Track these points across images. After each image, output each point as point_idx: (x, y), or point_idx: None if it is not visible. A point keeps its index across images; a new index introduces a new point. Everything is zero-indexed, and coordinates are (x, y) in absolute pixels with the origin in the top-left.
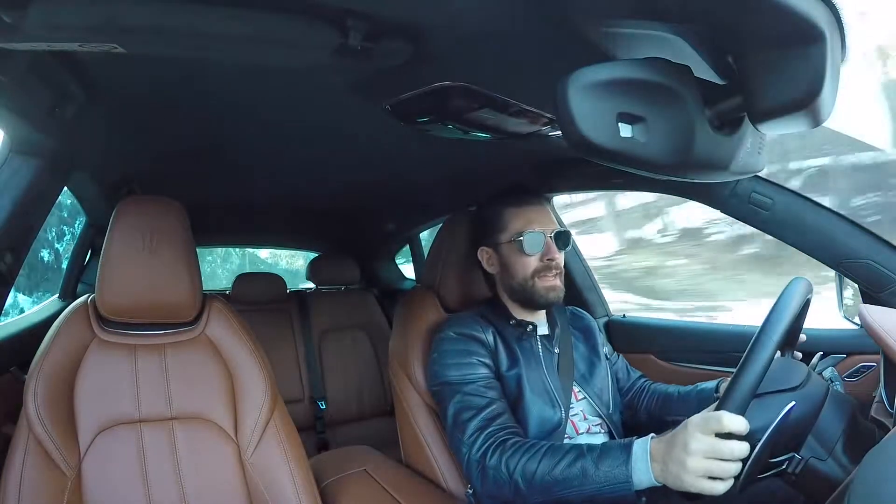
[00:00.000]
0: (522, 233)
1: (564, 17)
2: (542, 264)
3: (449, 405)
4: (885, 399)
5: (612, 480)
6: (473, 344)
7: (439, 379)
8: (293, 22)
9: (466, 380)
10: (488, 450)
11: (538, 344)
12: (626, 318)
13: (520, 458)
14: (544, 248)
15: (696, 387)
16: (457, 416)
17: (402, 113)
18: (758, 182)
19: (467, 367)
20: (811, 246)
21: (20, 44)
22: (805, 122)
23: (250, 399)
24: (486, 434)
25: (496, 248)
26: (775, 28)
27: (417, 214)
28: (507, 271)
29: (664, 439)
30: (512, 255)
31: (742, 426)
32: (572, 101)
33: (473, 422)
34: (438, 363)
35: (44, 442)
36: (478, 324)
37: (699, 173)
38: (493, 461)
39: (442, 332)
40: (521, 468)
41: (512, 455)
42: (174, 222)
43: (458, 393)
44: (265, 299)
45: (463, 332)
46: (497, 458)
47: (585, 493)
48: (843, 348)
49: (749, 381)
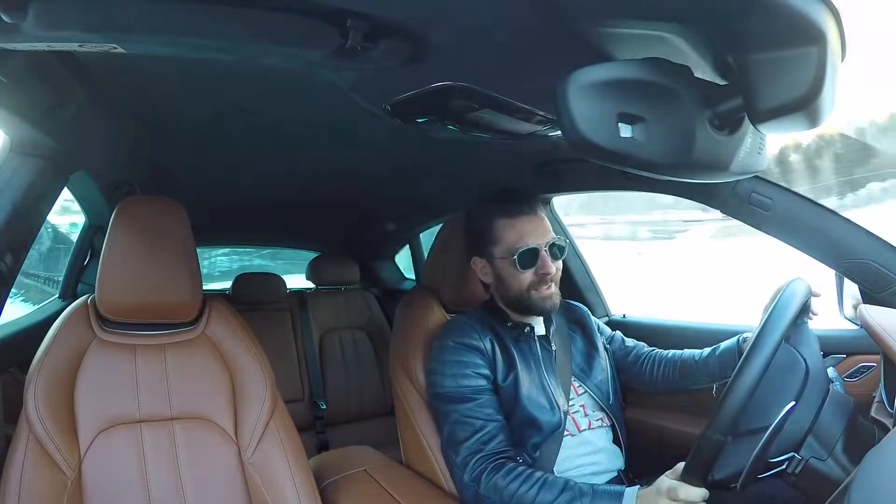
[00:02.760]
0: (516, 249)
1: (564, 17)
2: (537, 278)
3: (445, 423)
4: (885, 399)
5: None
6: (472, 354)
7: (436, 389)
8: (293, 22)
9: (463, 395)
10: (482, 474)
11: (536, 345)
12: (626, 318)
13: (514, 484)
14: (539, 262)
15: (717, 348)
16: (451, 436)
17: (402, 113)
18: (758, 182)
19: (464, 378)
20: (811, 246)
21: (20, 44)
22: (805, 122)
23: (250, 399)
24: (480, 457)
25: (490, 261)
26: (775, 28)
27: (417, 214)
28: (501, 283)
29: (649, 491)
30: (506, 270)
31: (699, 497)
32: (572, 101)
33: (467, 443)
34: (437, 373)
35: (44, 442)
36: (476, 331)
37: (699, 173)
38: (487, 486)
39: (441, 341)
40: (517, 496)
41: (506, 481)
42: (174, 222)
43: (453, 412)
44: (265, 299)
45: (462, 341)
46: (492, 482)
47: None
48: (843, 348)
49: (739, 397)
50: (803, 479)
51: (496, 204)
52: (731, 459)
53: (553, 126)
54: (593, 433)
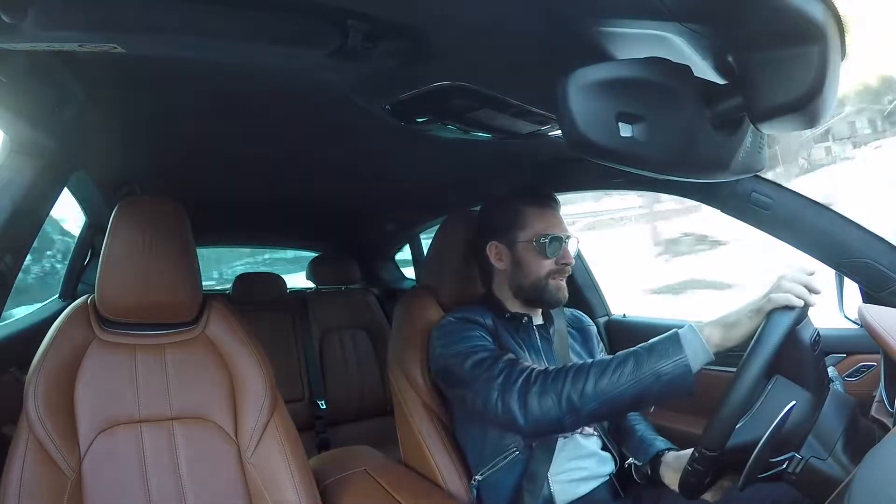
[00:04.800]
0: (546, 235)
1: (564, 17)
2: (557, 267)
3: (463, 367)
4: (886, 399)
5: (667, 361)
6: (474, 325)
7: (444, 356)
8: (293, 22)
9: (473, 347)
10: (528, 380)
11: (535, 334)
12: (626, 318)
13: (567, 376)
14: (562, 251)
15: (654, 444)
16: (474, 370)
17: (401, 113)
18: (758, 182)
19: (471, 339)
20: (811, 245)
21: (20, 44)
22: (805, 121)
23: (250, 399)
24: (517, 370)
25: (511, 245)
26: (775, 28)
27: (417, 214)
28: (519, 269)
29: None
30: (529, 255)
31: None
32: (572, 101)
33: (497, 366)
34: (441, 344)
35: (44, 442)
36: (477, 311)
37: (699, 173)
38: (536, 388)
39: (442, 319)
40: (570, 384)
41: (556, 377)
42: (174, 222)
43: (468, 357)
44: (265, 299)
45: (463, 315)
46: (540, 383)
47: (642, 387)
48: (843, 348)
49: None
50: (803, 478)
51: (528, 194)
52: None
53: (553, 126)
54: (585, 438)
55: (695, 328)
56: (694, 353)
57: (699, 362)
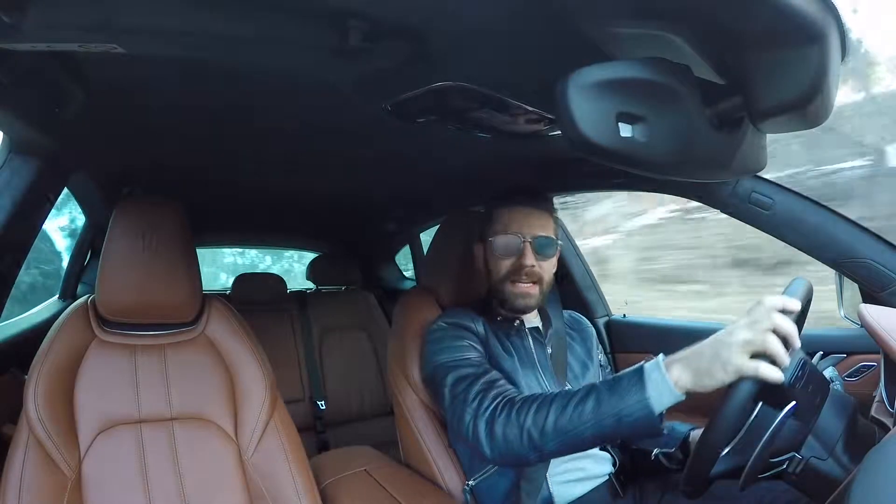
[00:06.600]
0: (497, 234)
1: (564, 17)
2: (514, 269)
3: (445, 381)
4: (886, 399)
5: (629, 401)
6: (464, 332)
7: (432, 364)
8: (293, 22)
9: (459, 360)
10: (496, 409)
11: (529, 338)
12: (626, 318)
13: (530, 409)
14: (518, 252)
15: (675, 429)
16: (455, 388)
17: (402, 113)
18: (758, 182)
19: (459, 350)
20: (811, 246)
21: (20, 44)
22: (805, 121)
23: (250, 399)
24: (490, 396)
25: (485, 245)
26: (775, 28)
27: (417, 214)
28: (488, 270)
29: (680, 353)
30: (489, 255)
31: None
32: (572, 101)
33: (474, 387)
34: (430, 351)
35: (44, 442)
36: (468, 316)
37: (699, 173)
38: (501, 418)
39: (434, 324)
40: (531, 417)
41: (521, 408)
42: (174, 222)
43: (452, 370)
44: (265, 299)
45: (454, 321)
46: (506, 415)
47: (603, 428)
48: (843, 348)
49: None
50: (804, 478)
51: (506, 192)
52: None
53: (553, 126)
54: None
55: (661, 367)
56: (658, 395)
57: (664, 404)
